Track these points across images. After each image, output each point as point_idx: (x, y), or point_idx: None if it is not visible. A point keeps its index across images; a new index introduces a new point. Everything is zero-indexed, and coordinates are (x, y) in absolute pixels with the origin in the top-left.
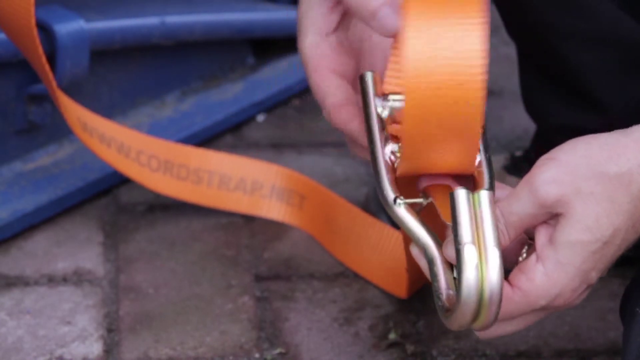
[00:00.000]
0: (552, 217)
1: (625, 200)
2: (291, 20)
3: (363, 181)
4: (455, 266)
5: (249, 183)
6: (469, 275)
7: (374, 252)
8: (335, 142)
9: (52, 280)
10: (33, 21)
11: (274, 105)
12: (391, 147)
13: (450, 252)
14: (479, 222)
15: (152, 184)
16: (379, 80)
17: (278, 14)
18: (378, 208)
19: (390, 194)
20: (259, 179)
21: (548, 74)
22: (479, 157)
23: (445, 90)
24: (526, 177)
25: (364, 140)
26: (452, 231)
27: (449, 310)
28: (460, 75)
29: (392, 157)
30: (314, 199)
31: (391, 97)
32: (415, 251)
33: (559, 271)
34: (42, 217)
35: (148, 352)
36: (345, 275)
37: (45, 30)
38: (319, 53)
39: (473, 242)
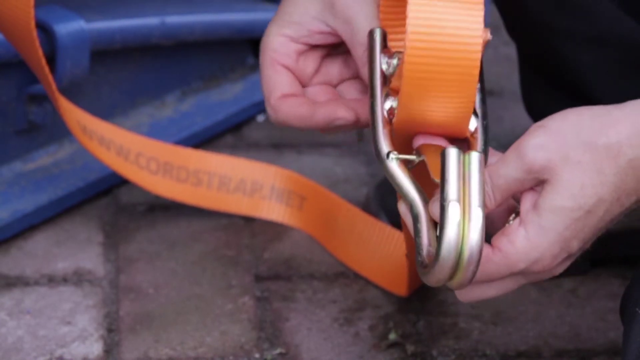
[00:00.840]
0: (538, 183)
1: (612, 172)
2: None
3: (363, 181)
4: (438, 224)
5: (248, 184)
6: (450, 231)
7: (374, 253)
8: (335, 142)
9: (52, 280)
10: (33, 23)
11: None
12: (390, 102)
13: (435, 209)
14: (467, 182)
15: (152, 186)
16: (384, 39)
17: None
18: (378, 208)
19: (384, 147)
20: (259, 180)
21: (548, 74)
22: (476, 124)
23: (445, 45)
24: (516, 143)
25: (308, 124)
26: (440, 188)
27: (427, 266)
28: (460, 37)
29: (391, 115)
30: (313, 199)
31: (396, 54)
32: (402, 208)
33: (540, 235)
34: (42, 217)
35: (148, 352)
36: (345, 276)
37: (45, 30)
38: (284, 51)
39: (458, 200)
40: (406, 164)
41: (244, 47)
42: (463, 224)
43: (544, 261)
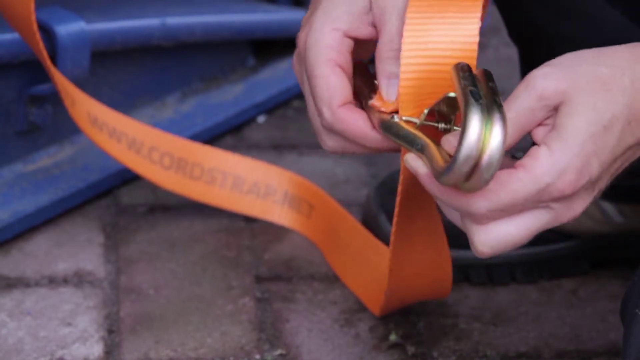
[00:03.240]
0: (548, 114)
1: (619, 91)
2: (292, 21)
3: (363, 182)
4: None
5: (262, 187)
6: (474, 126)
7: (370, 271)
8: None
9: (52, 281)
10: (34, 24)
11: (275, 106)
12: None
13: (448, 141)
14: (483, 88)
15: (163, 181)
16: None
17: (278, 15)
18: (378, 209)
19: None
20: (273, 185)
21: None
22: None
23: (438, 60)
24: (523, 79)
25: (364, 140)
26: (462, 95)
27: (443, 169)
28: (455, 52)
29: None
30: (321, 209)
31: None
32: (409, 156)
33: (562, 147)
34: (43, 219)
35: (148, 353)
36: None
37: (46, 31)
38: (339, 49)
39: (480, 95)
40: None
41: (245, 48)
42: (486, 119)
43: (569, 175)
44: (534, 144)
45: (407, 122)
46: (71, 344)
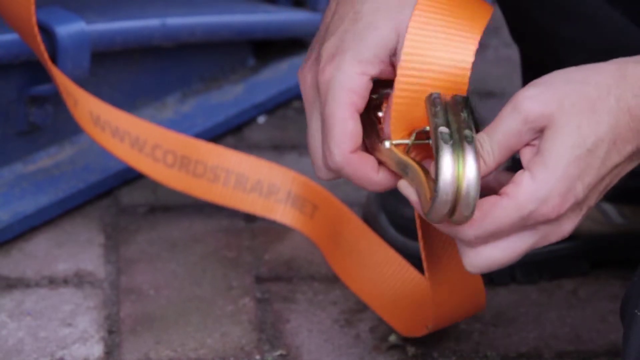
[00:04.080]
0: (535, 136)
1: (604, 110)
2: (292, 22)
3: None
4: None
5: (265, 186)
6: (446, 161)
7: (373, 273)
8: None
9: (52, 281)
10: (35, 26)
11: (275, 106)
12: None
13: (431, 176)
14: (453, 115)
15: (166, 179)
16: None
17: (279, 16)
18: (378, 209)
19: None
20: (276, 183)
21: None
22: None
23: (433, 75)
24: (510, 99)
25: (369, 185)
26: (430, 125)
27: (429, 202)
28: (450, 76)
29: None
30: (325, 209)
31: None
32: (402, 183)
33: (544, 173)
34: (43, 219)
35: (149, 354)
36: None
37: (46, 31)
38: (363, 94)
39: (448, 127)
40: (403, 148)
41: (245, 48)
42: (458, 157)
43: (552, 200)
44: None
45: (399, 145)
46: (71, 345)
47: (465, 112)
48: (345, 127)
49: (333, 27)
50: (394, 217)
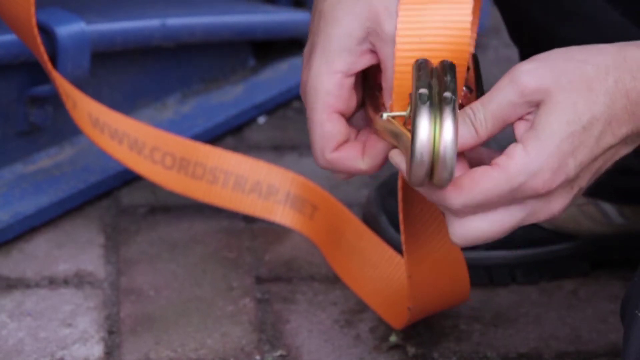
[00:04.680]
0: (529, 110)
1: (601, 91)
2: (292, 22)
3: (364, 183)
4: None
5: (264, 187)
6: (422, 120)
7: (373, 272)
8: None
9: (53, 282)
10: (35, 27)
11: (275, 107)
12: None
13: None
14: (437, 79)
15: (165, 181)
16: None
17: (279, 16)
18: (379, 210)
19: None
20: (275, 184)
21: None
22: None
23: (432, 46)
24: (507, 73)
25: (357, 174)
26: (412, 97)
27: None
28: (447, 38)
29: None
30: (325, 210)
31: None
32: (392, 152)
33: (537, 147)
34: (43, 219)
35: (149, 354)
36: None
37: (46, 32)
38: (338, 93)
39: (427, 88)
40: (401, 121)
41: (245, 49)
42: (435, 118)
43: (543, 175)
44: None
45: (396, 117)
46: (71, 345)
47: (449, 75)
48: (322, 130)
49: (310, 28)
50: (394, 218)
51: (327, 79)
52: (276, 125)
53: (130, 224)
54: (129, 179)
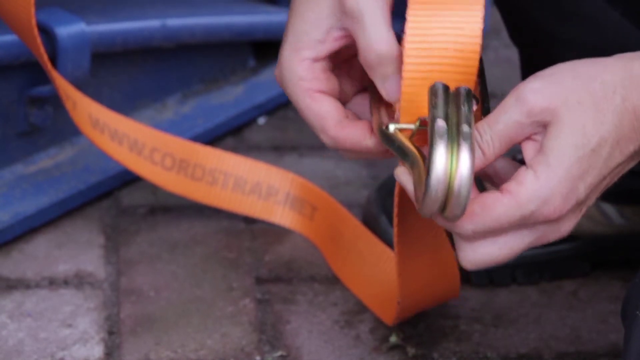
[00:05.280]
0: (537, 130)
1: (609, 110)
2: None
3: (364, 184)
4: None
5: (264, 188)
6: (439, 150)
7: (371, 272)
8: None
9: (53, 282)
10: (35, 28)
11: (275, 107)
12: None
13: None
14: (454, 110)
15: (164, 182)
16: None
17: (279, 17)
18: (379, 210)
19: (384, 120)
20: (275, 185)
21: None
22: (474, 108)
23: (442, 52)
24: (513, 91)
25: (362, 151)
26: (429, 116)
27: (421, 195)
28: (457, 52)
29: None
30: (324, 211)
31: None
32: (399, 170)
33: (548, 173)
34: (44, 220)
35: (149, 355)
36: None
37: (46, 32)
38: (312, 76)
39: (445, 120)
40: (407, 133)
41: (245, 49)
42: (452, 146)
43: (554, 201)
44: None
45: (403, 130)
46: (71, 346)
47: (467, 105)
48: (312, 112)
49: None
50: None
51: (297, 66)
52: (276, 126)
53: (131, 225)
54: (129, 179)
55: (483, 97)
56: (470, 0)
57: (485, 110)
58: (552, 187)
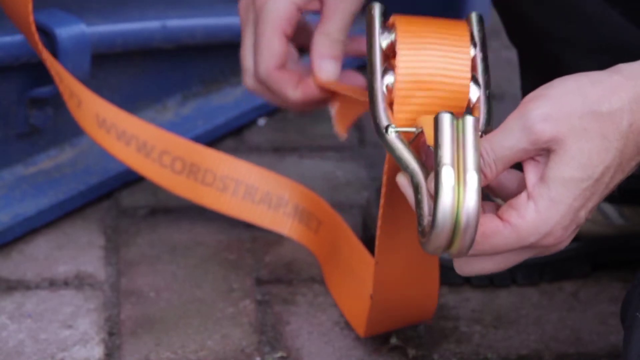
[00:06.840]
0: (541, 153)
1: (616, 137)
2: None
3: (364, 185)
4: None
5: (274, 198)
6: (445, 196)
7: (358, 288)
8: (336, 146)
9: (53, 284)
10: (32, 25)
11: (275, 109)
12: (389, 77)
13: (432, 183)
14: (461, 146)
15: (173, 186)
16: (384, 14)
17: None
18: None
19: (383, 121)
20: (285, 196)
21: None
22: (478, 93)
23: (433, 86)
24: (517, 112)
25: (284, 100)
26: (434, 154)
27: (426, 234)
28: (448, 80)
29: (390, 92)
30: (328, 225)
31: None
32: (401, 179)
33: (550, 208)
34: (44, 221)
35: (149, 356)
36: None
37: (46, 34)
38: (290, 20)
39: (452, 164)
40: (407, 137)
41: None
42: (458, 189)
43: (555, 233)
44: None
45: (402, 132)
46: (72, 347)
47: (473, 137)
48: (272, 45)
49: None
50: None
51: (284, 6)
52: (276, 127)
53: (131, 226)
54: (130, 180)
55: (485, 83)
56: (458, 43)
57: (486, 98)
58: (553, 222)
